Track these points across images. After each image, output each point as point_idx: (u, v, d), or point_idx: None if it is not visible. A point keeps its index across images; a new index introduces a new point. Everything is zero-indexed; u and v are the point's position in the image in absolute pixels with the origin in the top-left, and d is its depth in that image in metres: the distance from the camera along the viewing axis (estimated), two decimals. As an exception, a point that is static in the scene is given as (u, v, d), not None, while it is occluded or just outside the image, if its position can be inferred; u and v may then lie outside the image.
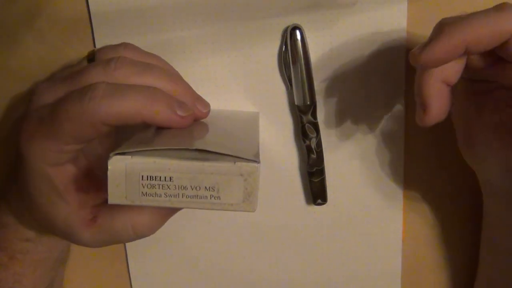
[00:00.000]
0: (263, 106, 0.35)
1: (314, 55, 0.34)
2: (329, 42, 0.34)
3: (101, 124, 0.25)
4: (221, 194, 0.23)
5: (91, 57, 0.29)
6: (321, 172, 0.35)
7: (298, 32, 0.33)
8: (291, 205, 0.37)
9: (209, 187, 0.23)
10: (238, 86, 0.34)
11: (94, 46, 0.33)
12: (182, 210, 0.36)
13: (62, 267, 0.36)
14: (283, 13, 0.33)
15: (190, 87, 0.30)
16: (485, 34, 0.23)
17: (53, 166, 0.27)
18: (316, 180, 0.35)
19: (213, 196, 0.23)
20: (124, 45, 0.29)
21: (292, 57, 0.33)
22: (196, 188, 0.23)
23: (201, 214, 0.37)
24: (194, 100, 0.29)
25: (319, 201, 0.36)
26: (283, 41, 0.33)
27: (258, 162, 0.23)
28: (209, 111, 0.30)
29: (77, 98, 0.25)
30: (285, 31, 0.33)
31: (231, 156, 0.23)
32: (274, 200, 0.37)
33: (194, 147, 0.23)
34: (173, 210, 0.29)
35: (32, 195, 0.27)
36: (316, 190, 0.36)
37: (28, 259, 0.32)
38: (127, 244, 0.38)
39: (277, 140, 0.36)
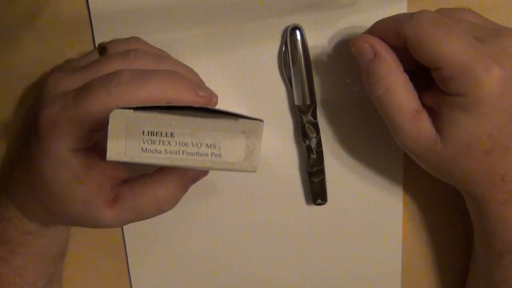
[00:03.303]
0: (263, 106, 0.35)
1: (314, 55, 0.34)
2: (329, 42, 0.34)
3: None
4: (222, 151, 0.22)
5: (102, 49, 0.29)
6: (321, 172, 0.35)
7: (298, 32, 0.33)
8: (291, 205, 0.37)
9: (210, 144, 0.22)
10: (238, 86, 0.34)
11: (94, 46, 0.33)
12: (183, 210, 0.36)
13: (61, 262, 0.37)
14: (283, 13, 0.33)
15: (200, 77, 0.31)
16: (387, 29, 0.29)
17: (74, 151, 0.27)
18: (316, 180, 0.35)
19: (214, 153, 0.22)
20: (134, 39, 0.30)
21: (292, 57, 0.33)
22: (197, 145, 0.22)
23: (201, 214, 0.37)
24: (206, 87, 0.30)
25: (319, 201, 0.36)
26: (283, 41, 0.33)
27: (261, 120, 0.22)
28: (217, 101, 0.30)
29: (103, 84, 0.25)
30: (285, 31, 0.33)
31: (234, 114, 0.22)
32: (274, 200, 0.37)
33: (198, 105, 0.22)
34: (192, 179, 0.30)
35: (48, 183, 0.28)
36: (316, 190, 0.36)
37: (30, 253, 0.32)
38: (127, 244, 0.38)
39: (277, 140, 0.36)
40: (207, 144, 0.22)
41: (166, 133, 0.22)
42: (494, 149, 0.27)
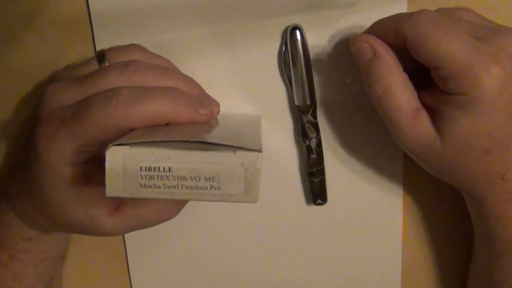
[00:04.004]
0: (263, 106, 0.35)
1: (314, 55, 0.34)
2: (329, 42, 0.34)
3: (126, 128, 0.25)
4: (221, 184, 0.22)
5: (100, 57, 0.29)
6: (321, 172, 0.35)
7: (298, 32, 0.33)
8: (291, 205, 0.37)
9: (209, 178, 0.22)
10: (238, 86, 0.34)
11: (94, 46, 0.33)
12: (183, 210, 0.36)
13: (61, 264, 0.37)
14: (283, 13, 0.33)
15: (201, 87, 0.31)
16: (386, 28, 0.29)
17: (72, 165, 0.27)
18: (316, 180, 0.35)
19: (213, 187, 0.22)
20: (134, 47, 0.29)
21: (292, 57, 0.33)
22: (195, 178, 0.22)
23: (201, 214, 0.37)
24: (207, 99, 0.30)
25: (319, 201, 0.36)
26: (283, 41, 0.33)
27: (259, 151, 0.22)
28: (219, 110, 0.30)
29: (101, 103, 0.25)
30: (285, 31, 0.33)
31: (232, 146, 0.22)
32: (274, 200, 0.37)
33: (195, 139, 0.22)
34: None
35: (47, 194, 0.27)
36: (316, 190, 0.36)
37: (30, 258, 0.32)
38: (127, 244, 0.38)
39: (277, 140, 0.36)
40: (205, 178, 0.22)
41: (164, 168, 0.22)
42: (494, 148, 0.27)
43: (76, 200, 0.27)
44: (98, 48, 0.33)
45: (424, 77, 0.29)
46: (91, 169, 0.28)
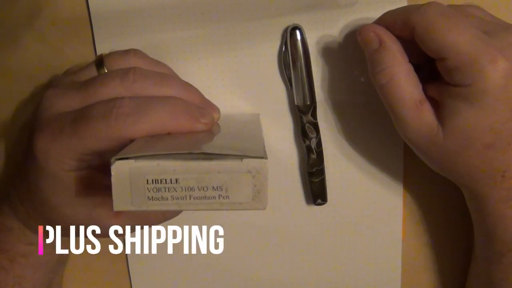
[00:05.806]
0: (263, 106, 0.35)
1: (314, 55, 0.34)
2: (329, 42, 0.34)
3: (127, 139, 0.25)
4: (229, 193, 0.22)
5: (99, 62, 0.29)
6: (321, 172, 0.35)
7: (298, 32, 0.33)
8: (291, 205, 0.37)
9: (217, 187, 0.22)
10: (238, 86, 0.34)
11: (94, 47, 0.33)
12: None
13: (62, 268, 0.36)
14: (283, 13, 0.33)
15: (201, 94, 0.30)
16: (395, 19, 0.29)
17: (71, 171, 0.27)
18: (316, 180, 0.35)
19: (221, 196, 0.22)
20: (134, 52, 0.29)
21: (292, 57, 0.33)
22: (203, 188, 0.22)
23: (201, 214, 0.37)
24: (207, 106, 0.29)
25: (319, 201, 0.36)
26: (283, 41, 0.33)
27: (265, 158, 0.22)
28: (219, 116, 0.30)
29: (102, 115, 0.25)
30: (285, 31, 0.33)
31: (238, 155, 0.22)
32: (274, 200, 0.37)
33: (199, 151, 0.22)
34: None
35: (48, 199, 0.27)
36: (316, 190, 0.36)
37: (30, 262, 0.32)
38: (127, 244, 0.38)
39: (277, 140, 0.36)
40: (213, 187, 0.22)
41: (171, 180, 0.22)
42: (496, 143, 0.27)
43: (78, 204, 0.27)
44: (98, 48, 0.33)
45: (430, 71, 0.29)
46: (92, 174, 0.28)
